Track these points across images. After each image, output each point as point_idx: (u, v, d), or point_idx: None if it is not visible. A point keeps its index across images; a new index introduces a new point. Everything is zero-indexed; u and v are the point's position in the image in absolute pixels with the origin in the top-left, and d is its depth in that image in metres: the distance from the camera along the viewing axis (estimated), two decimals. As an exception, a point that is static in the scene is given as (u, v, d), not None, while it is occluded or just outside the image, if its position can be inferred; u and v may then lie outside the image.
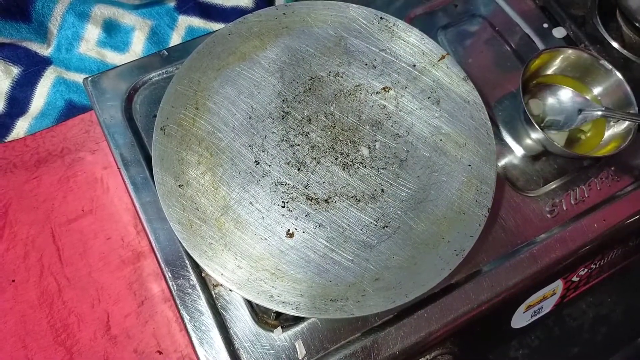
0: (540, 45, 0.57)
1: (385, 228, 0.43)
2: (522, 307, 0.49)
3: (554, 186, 0.51)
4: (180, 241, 0.41)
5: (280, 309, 0.39)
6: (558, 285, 0.50)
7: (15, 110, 0.58)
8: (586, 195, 0.51)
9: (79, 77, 0.60)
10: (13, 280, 0.51)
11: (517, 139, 0.53)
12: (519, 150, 0.52)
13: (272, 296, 0.39)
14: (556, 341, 0.62)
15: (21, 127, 0.57)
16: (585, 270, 0.51)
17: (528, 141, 0.52)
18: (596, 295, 0.59)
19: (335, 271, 0.41)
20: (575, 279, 0.51)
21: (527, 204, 0.50)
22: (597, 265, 0.52)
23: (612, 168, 0.52)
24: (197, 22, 0.65)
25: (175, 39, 0.64)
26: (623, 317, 0.64)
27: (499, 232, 0.48)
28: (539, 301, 0.50)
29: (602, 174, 0.52)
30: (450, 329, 0.45)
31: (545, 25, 0.59)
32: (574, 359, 0.63)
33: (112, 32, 0.63)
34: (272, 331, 0.43)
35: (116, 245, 0.53)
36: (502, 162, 0.52)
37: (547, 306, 0.51)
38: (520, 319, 0.50)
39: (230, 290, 0.41)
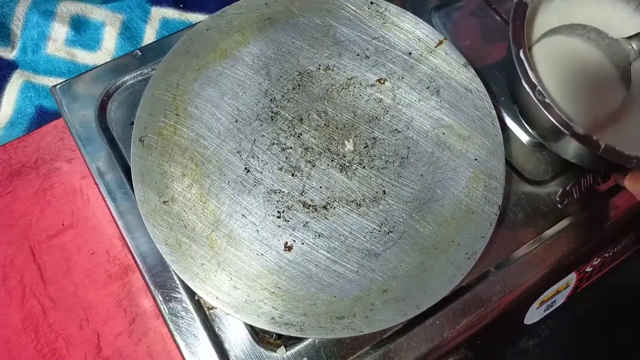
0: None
1: (390, 233, 0.40)
2: (536, 303, 0.47)
3: (563, 173, 0.48)
4: (168, 263, 0.37)
5: (284, 332, 0.36)
6: (571, 278, 0.48)
7: (-19, 121, 0.55)
8: (599, 181, 0.48)
9: (48, 81, 0.57)
10: (-7, 305, 0.48)
11: (522, 124, 0.50)
12: (523, 137, 0.49)
13: (273, 318, 0.37)
14: (566, 328, 0.60)
15: (-11, 139, 0.54)
16: (599, 259, 0.49)
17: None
18: (606, 279, 0.57)
19: (340, 285, 0.38)
20: (588, 269, 0.49)
21: (536, 194, 0.47)
22: (611, 254, 0.50)
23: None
24: (171, 13, 0.61)
25: (149, 33, 0.60)
26: (633, 299, 0.63)
27: (509, 226, 0.46)
28: (552, 295, 0.48)
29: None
30: (464, 334, 0.42)
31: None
32: (584, 345, 0.61)
33: (81, 30, 0.59)
34: (275, 351, 0.40)
35: (101, 259, 0.50)
36: (507, 150, 0.49)
37: (560, 299, 0.49)
38: (534, 315, 0.48)
39: (227, 314, 0.38)
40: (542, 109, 0.41)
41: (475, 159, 0.42)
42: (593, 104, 0.44)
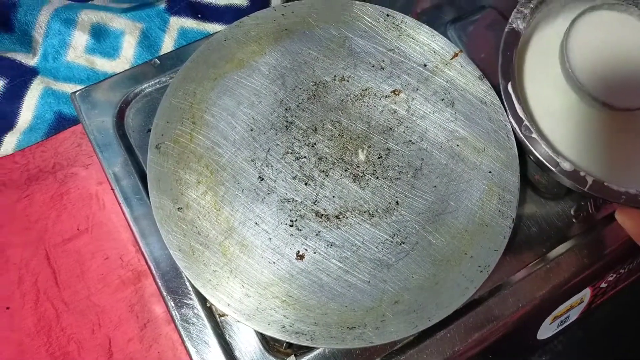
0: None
1: (403, 244, 0.40)
2: (549, 318, 0.46)
3: (578, 188, 0.48)
4: (181, 269, 0.38)
5: (294, 341, 0.36)
6: (586, 294, 0.47)
7: (1, 126, 0.55)
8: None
9: (68, 87, 0.58)
10: (8, 308, 0.48)
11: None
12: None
13: (284, 326, 0.37)
14: (580, 345, 0.59)
15: (9, 143, 0.54)
16: (614, 275, 0.48)
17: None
18: (621, 296, 0.56)
19: (351, 295, 0.38)
20: (603, 285, 0.48)
21: (550, 208, 0.47)
22: (626, 270, 0.49)
23: None
24: (189, 23, 0.62)
25: (168, 42, 0.61)
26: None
27: (522, 240, 0.45)
28: (565, 311, 0.47)
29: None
30: (475, 348, 0.42)
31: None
32: (599, 363, 0.60)
33: (101, 38, 0.60)
34: (285, 360, 0.40)
35: (115, 265, 0.51)
36: (521, 164, 0.48)
37: (574, 315, 0.48)
38: (547, 330, 0.47)
39: (238, 322, 0.38)
40: (528, 144, 0.41)
41: (490, 172, 0.42)
42: (632, 85, 0.43)
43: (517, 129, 0.41)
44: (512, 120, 0.42)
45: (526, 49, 0.46)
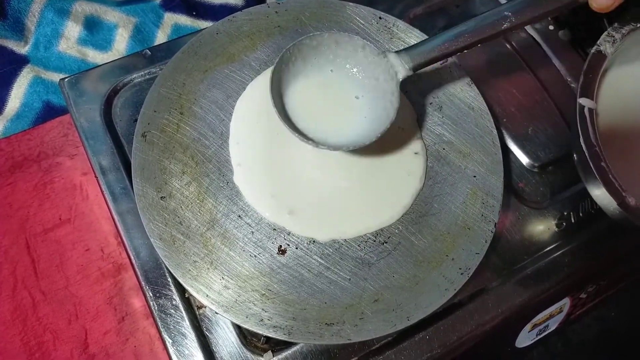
0: (546, 47, 0.55)
1: (385, 244, 0.40)
2: (528, 326, 0.46)
3: (561, 197, 0.48)
4: (161, 258, 0.37)
5: (271, 334, 0.36)
6: (565, 303, 0.47)
7: (-12, 112, 0.55)
8: (596, 207, 0.48)
9: (58, 77, 0.57)
10: (-16, 295, 0.47)
11: (523, 146, 0.50)
12: (524, 159, 0.49)
13: (262, 320, 0.36)
14: (560, 358, 0.60)
15: (-5, 130, 0.54)
16: (594, 287, 0.49)
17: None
18: (600, 310, 0.56)
19: (331, 292, 0.38)
20: (583, 295, 0.48)
21: (533, 217, 0.47)
22: (606, 282, 0.49)
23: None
24: (183, 19, 0.62)
25: (161, 37, 0.61)
26: (628, 332, 0.62)
27: (504, 246, 0.46)
28: (545, 319, 0.47)
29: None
30: (454, 352, 0.42)
31: (551, 28, 0.56)
32: (577, 376, 0.60)
33: (94, 30, 0.60)
34: (262, 355, 0.40)
35: (95, 256, 0.50)
36: (506, 171, 0.49)
37: (553, 324, 0.48)
38: (525, 338, 0.47)
39: (216, 314, 0.38)
40: (595, 172, 0.39)
41: (474, 176, 0.43)
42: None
43: (587, 153, 0.39)
44: (583, 144, 0.40)
45: (605, 73, 0.44)
